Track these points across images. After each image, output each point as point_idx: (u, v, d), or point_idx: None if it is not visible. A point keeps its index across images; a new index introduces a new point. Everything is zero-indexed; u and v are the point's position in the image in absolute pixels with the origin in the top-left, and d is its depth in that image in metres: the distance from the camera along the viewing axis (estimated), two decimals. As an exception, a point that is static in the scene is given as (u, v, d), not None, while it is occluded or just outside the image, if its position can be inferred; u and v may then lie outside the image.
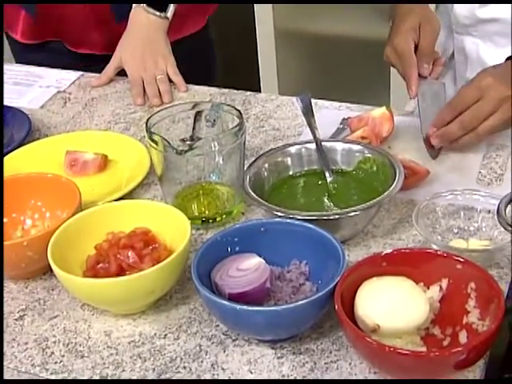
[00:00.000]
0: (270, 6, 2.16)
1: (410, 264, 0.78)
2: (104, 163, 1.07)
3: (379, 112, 1.07)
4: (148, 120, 0.96)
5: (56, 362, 0.79)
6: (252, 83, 2.01)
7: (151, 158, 0.98)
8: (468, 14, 1.20)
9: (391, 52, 1.10)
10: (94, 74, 1.33)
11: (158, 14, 1.26)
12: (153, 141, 0.93)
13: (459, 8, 1.21)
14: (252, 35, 2.21)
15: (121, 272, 0.84)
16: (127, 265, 0.84)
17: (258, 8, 2.17)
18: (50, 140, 1.11)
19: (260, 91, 2.04)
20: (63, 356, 0.80)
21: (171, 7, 1.28)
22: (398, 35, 1.10)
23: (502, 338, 0.76)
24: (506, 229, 0.76)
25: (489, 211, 0.89)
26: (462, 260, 0.77)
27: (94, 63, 1.37)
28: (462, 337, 0.75)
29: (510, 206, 0.80)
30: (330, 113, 1.15)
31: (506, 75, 0.99)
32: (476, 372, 0.74)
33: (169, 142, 0.92)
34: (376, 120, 1.07)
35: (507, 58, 1.03)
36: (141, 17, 1.27)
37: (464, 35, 1.24)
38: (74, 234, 0.86)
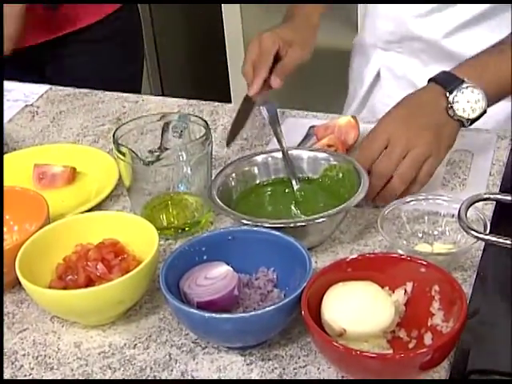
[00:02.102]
0: (238, 16, 2.18)
1: (374, 269, 0.80)
2: (72, 176, 1.07)
3: (345, 120, 1.09)
4: (115, 132, 0.96)
5: (25, 375, 0.79)
6: (222, 94, 2.02)
7: (119, 170, 0.98)
8: (394, 29, 1.21)
9: (255, 42, 1.11)
10: (62, 88, 1.33)
11: None
12: (120, 152, 0.94)
13: (385, 23, 1.22)
14: (221, 46, 2.23)
15: (90, 283, 0.84)
16: (96, 276, 0.84)
17: (226, 19, 2.19)
18: (18, 154, 1.11)
19: (230, 102, 2.05)
20: (32, 369, 0.80)
21: None
22: (272, 32, 1.11)
23: (467, 339, 0.77)
24: (467, 232, 0.78)
25: (452, 215, 0.91)
26: (425, 263, 0.79)
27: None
28: (427, 338, 0.76)
29: (471, 209, 0.82)
30: (296, 121, 1.17)
31: (407, 115, 0.97)
32: (441, 373, 0.76)
33: (136, 154, 0.92)
34: (342, 128, 1.08)
35: (429, 80, 1.00)
36: None
37: (389, 51, 1.24)
38: (43, 247, 0.86)
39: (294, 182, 0.97)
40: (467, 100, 0.95)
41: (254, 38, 1.13)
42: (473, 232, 0.78)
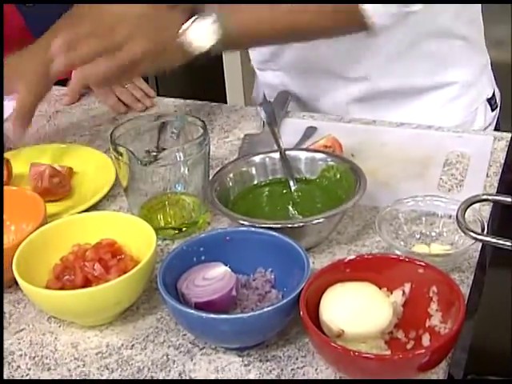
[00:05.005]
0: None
1: (372, 270, 0.80)
2: (69, 176, 1.07)
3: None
4: (113, 132, 0.96)
5: (22, 376, 0.79)
6: (218, 95, 2.02)
7: (116, 170, 0.98)
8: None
9: None
10: (59, 87, 1.33)
11: None
12: (118, 152, 0.93)
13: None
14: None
15: (87, 284, 0.84)
16: (93, 276, 0.84)
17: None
18: (14, 153, 1.11)
19: (226, 102, 2.05)
20: (29, 369, 0.80)
21: None
22: None
23: (465, 340, 0.78)
24: (465, 233, 0.78)
25: (450, 216, 0.91)
26: (423, 264, 0.79)
27: None
28: (425, 339, 0.76)
29: (468, 210, 0.82)
30: (293, 122, 1.16)
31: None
32: (439, 374, 0.76)
33: (133, 154, 0.92)
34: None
35: None
36: None
37: (266, 71, 1.25)
38: (40, 247, 0.86)
39: (291, 183, 0.97)
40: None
41: None
42: (471, 233, 0.78)
